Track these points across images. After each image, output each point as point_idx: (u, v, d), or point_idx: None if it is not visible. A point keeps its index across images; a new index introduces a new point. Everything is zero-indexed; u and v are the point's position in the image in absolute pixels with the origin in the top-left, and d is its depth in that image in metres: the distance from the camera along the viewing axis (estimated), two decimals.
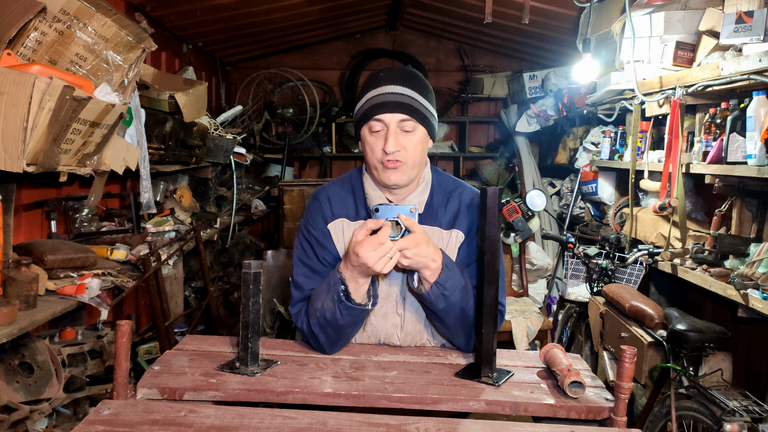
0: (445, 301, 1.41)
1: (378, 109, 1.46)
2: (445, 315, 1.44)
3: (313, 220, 1.58)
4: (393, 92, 1.46)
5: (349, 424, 1.12)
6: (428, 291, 1.41)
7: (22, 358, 1.98)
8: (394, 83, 1.48)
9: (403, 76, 1.50)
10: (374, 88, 1.49)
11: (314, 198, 1.61)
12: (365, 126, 1.50)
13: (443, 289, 1.40)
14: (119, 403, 1.17)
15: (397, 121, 1.46)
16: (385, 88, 1.47)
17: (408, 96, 1.47)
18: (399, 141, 1.46)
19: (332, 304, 1.41)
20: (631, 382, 1.19)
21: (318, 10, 4.54)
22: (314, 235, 1.56)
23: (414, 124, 1.47)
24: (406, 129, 1.47)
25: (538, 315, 3.44)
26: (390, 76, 1.49)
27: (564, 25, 4.16)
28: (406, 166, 1.48)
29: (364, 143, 1.52)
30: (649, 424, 2.49)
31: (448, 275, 1.40)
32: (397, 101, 1.46)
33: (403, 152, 1.47)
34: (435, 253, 1.39)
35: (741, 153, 2.43)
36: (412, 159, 1.48)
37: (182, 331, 3.50)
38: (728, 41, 2.38)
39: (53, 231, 2.59)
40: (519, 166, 5.45)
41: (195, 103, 3.22)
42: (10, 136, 1.71)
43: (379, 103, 1.46)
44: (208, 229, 3.96)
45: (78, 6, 1.97)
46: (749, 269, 2.35)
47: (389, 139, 1.45)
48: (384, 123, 1.46)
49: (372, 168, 1.52)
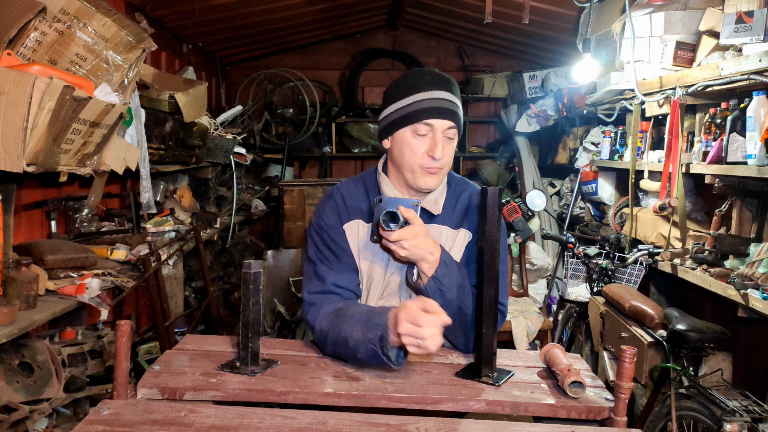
0: (442, 297, 1.41)
1: (429, 114, 1.46)
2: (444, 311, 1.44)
3: (328, 218, 1.57)
4: (444, 98, 1.48)
5: (349, 424, 1.12)
6: (425, 285, 1.42)
7: (22, 358, 1.98)
8: (443, 89, 1.49)
9: (448, 82, 1.51)
10: (423, 91, 1.48)
11: (329, 197, 1.60)
12: (408, 127, 1.49)
13: (440, 284, 1.41)
14: (119, 403, 1.17)
15: (445, 128, 1.48)
16: (435, 93, 1.48)
17: (455, 104, 1.50)
18: (444, 148, 1.48)
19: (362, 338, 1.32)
20: (631, 382, 1.19)
21: (318, 10, 4.54)
22: (330, 234, 1.55)
23: (455, 132, 1.50)
24: (449, 136, 1.49)
25: (538, 315, 3.44)
26: (437, 81, 1.50)
27: (564, 25, 4.16)
28: (443, 172, 1.52)
29: (403, 145, 1.50)
30: (649, 424, 2.49)
31: (446, 271, 1.41)
32: (447, 108, 1.47)
33: (444, 159, 1.49)
34: (433, 247, 1.41)
35: (741, 153, 2.43)
36: (447, 165, 1.52)
37: (182, 331, 3.50)
38: (728, 41, 2.38)
39: (53, 231, 2.59)
40: (519, 166, 5.45)
41: (195, 103, 3.22)
42: (10, 136, 1.71)
43: (431, 108, 1.46)
44: (208, 229, 3.96)
45: (78, 6, 1.97)
46: (749, 269, 2.35)
47: (438, 145, 1.46)
48: (432, 128, 1.47)
49: (407, 170, 1.51)
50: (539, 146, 5.67)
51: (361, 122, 5.70)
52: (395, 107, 1.52)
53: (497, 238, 1.35)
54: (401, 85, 1.53)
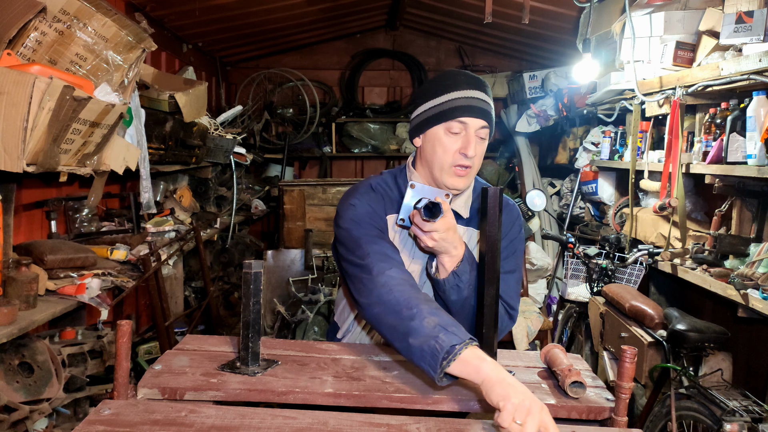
0: (458, 294, 1.42)
1: (464, 112, 1.46)
2: (454, 307, 1.45)
3: (375, 205, 1.52)
4: (479, 98, 1.48)
5: (349, 424, 1.12)
6: (444, 278, 1.42)
7: (22, 358, 1.98)
8: (478, 89, 1.49)
9: (482, 83, 1.52)
10: (457, 90, 1.48)
11: (369, 189, 1.56)
12: (441, 125, 1.48)
13: (459, 280, 1.41)
14: (120, 403, 1.17)
15: (478, 127, 1.48)
16: (470, 92, 1.48)
17: (489, 104, 1.50)
18: (476, 147, 1.48)
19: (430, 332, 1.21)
20: (631, 382, 1.19)
21: (318, 10, 4.54)
22: (375, 222, 1.50)
23: (487, 133, 1.50)
24: (481, 136, 1.49)
25: (538, 315, 3.44)
26: (471, 81, 1.50)
27: (564, 25, 4.16)
28: (472, 172, 1.51)
29: (435, 143, 1.49)
30: (649, 424, 2.49)
31: (466, 268, 1.42)
32: (482, 108, 1.48)
33: (475, 159, 1.49)
34: (459, 242, 1.42)
35: (741, 153, 2.43)
36: (477, 165, 1.51)
37: (182, 331, 3.50)
38: (728, 41, 2.38)
39: (53, 231, 2.59)
40: (519, 166, 5.46)
41: (195, 103, 3.22)
42: (10, 136, 1.71)
43: (466, 106, 1.46)
44: (208, 229, 3.96)
45: (78, 6, 1.97)
46: (749, 269, 2.35)
47: (471, 143, 1.46)
48: (466, 126, 1.47)
49: (437, 169, 1.50)
50: (539, 146, 5.67)
51: (361, 122, 5.70)
52: (429, 105, 1.51)
53: (498, 238, 1.35)
54: (435, 84, 1.53)
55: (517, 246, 1.58)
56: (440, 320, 1.23)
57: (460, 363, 1.16)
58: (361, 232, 1.47)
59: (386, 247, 1.46)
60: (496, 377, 1.12)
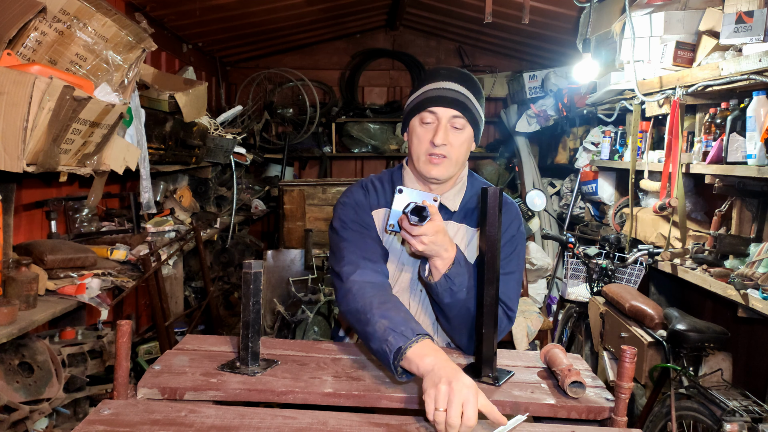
0: (451, 297, 1.42)
1: (433, 102, 1.50)
2: (450, 310, 1.45)
3: (358, 198, 1.59)
4: (450, 88, 1.51)
5: (349, 424, 1.12)
6: (436, 282, 1.42)
7: (22, 358, 1.98)
8: (452, 80, 1.52)
9: (461, 76, 1.54)
10: (432, 83, 1.53)
11: (359, 185, 1.64)
12: (416, 117, 1.53)
13: (451, 283, 1.41)
14: (120, 403, 1.17)
15: (450, 116, 1.50)
16: (443, 83, 1.52)
17: (463, 95, 1.51)
18: (447, 136, 1.50)
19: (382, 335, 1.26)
20: (631, 382, 1.19)
21: (318, 10, 4.54)
22: (359, 222, 1.55)
23: (464, 123, 1.51)
24: (456, 126, 1.51)
25: (538, 315, 3.44)
26: (450, 74, 1.53)
27: (564, 25, 4.16)
28: (449, 161, 1.52)
29: (412, 134, 1.55)
30: (649, 424, 2.49)
31: (458, 270, 1.42)
32: (453, 97, 1.50)
33: (449, 147, 1.50)
34: (449, 245, 1.42)
35: (741, 153, 2.43)
36: (455, 156, 1.52)
37: (182, 331, 3.50)
38: (728, 41, 2.38)
39: (53, 231, 2.59)
40: (519, 166, 5.46)
41: (195, 103, 3.22)
42: (10, 136, 1.71)
43: (435, 97, 1.50)
44: (208, 229, 3.96)
45: (78, 6, 1.97)
46: (749, 269, 2.35)
47: (439, 131, 1.49)
48: (437, 116, 1.50)
49: (415, 159, 1.54)
50: (539, 146, 5.67)
51: (361, 122, 5.70)
52: (410, 100, 1.58)
53: (498, 238, 1.34)
54: (419, 81, 1.58)
55: (516, 245, 1.58)
56: (390, 322, 1.28)
57: (406, 362, 1.21)
58: (344, 235, 1.53)
59: (364, 250, 1.49)
60: (428, 370, 1.15)
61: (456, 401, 1.06)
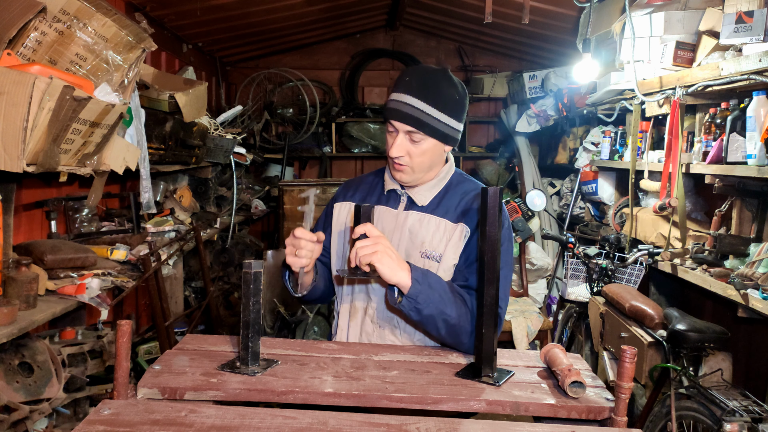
0: (419, 314, 1.45)
1: (391, 115, 1.56)
2: (425, 325, 1.49)
3: (336, 196, 1.78)
4: (406, 102, 1.53)
5: (349, 424, 1.12)
6: (399, 304, 1.45)
7: (22, 358, 1.98)
8: (411, 93, 1.53)
9: (423, 85, 1.53)
10: (396, 92, 1.56)
11: (354, 178, 1.84)
12: (386, 124, 1.60)
13: (415, 302, 1.43)
14: (120, 403, 1.17)
15: (405, 130, 1.54)
16: (401, 96, 1.54)
17: (419, 110, 1.52)
18: (404, 147, 1.56)
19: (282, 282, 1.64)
20: (631, 382, 1.19)
21: (318, 10, 4.54)
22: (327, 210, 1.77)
23: (421, 137, 1.54)
24: (413, 139, 1.55)
25: (538, 315, 3.44)
26: (412, 85, 1.53)
27: (564, 25, 4.16)
28: (410, 169, 1.58)
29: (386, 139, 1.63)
30: (649, 424, 2.49)
31: (418, 289, 1.42)
32: (407, 112, 1.53)
33: (407, 158, 1.57)
34: (400, 264, 1.43)
35: (741, 153, 2.43)
36: (417, 164, 1.57)
37: (182, 331, 3.50)
38: (728, 41, 2.38)
39: (53, 231, 2.59)
40: (519, 166, 5.45)
41: (195, 103, 3.22)
42: (10, 136, 1.71)
43: (393, 109, 1.55)
44: (208, 229, 3.96)
45: (78, 6, 1.97)
46: (749, 269, 2.35)
47: (394, 145, 1.56)
48: (395, 127, 1.56)
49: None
50: (539, 146, 5.67)
51: (361, 122, 5.70)
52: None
53: (498, 238, 1.34)
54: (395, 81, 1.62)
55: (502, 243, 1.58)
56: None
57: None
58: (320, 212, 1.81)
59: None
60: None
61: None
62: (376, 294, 1.61)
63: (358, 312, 1.64)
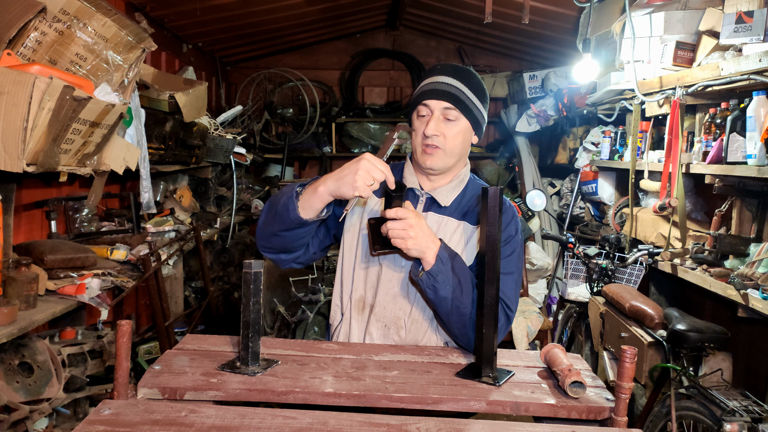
0: (434, 293, 1.46)
1: (426, 95, 1.55)
2: (437, 307, 1.50)
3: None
4: (443, 81, 1.56)
5: (349, 424, 1.12)
6: (419, 278, 1.47)
7: (22, 358, 1.98)
8: (446, 75, 1.57)
9: (456, 70, 1.58)
10: (427, 78, 1.59)
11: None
12: (415, 112, 1.60)
13: (434, 280, 1.45)
14: (120, 403, 1.17)
15: (441, 108, 1.55)
16: (436, 78, 1.57)
17: (455, 87, 1.55)
18: (440, 127, 1.55)
19: (288, 193, 1.51)
20: (631, 382, 1.19)
21: (318, 10, 4.54)
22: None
23: (457, 114, 1.55)
24: (449, 117, 1.55)
25: (538, 315, 3.44)
26: (444, 69, 1.59)
27: (564, 25, 4.16)
28: (443, 152, 1.57)
29: (412, 128, 1.61)
30: (649, 424, 2.49)
31: (440, 268, 1.45)
32: (444, 90, 1.54)
33: (441, 138, 1.55)
34: (433, 240, 1.46)
35: (741, 153, 2.43)
36: (450, 147, 1.57)
37: (182, 331, 3.50)
38: (728, 41, 2.38)
39: (53, 231, 2.59)
40: (519, 166, 5.46)
41: (195, 103, 3.22)
42: (10, 136, 1.71)
43: (428, 90, 1.56)
44: (208, 229, 3.96)
45: (78, 6, 1.97)
46: (749, 269, 2.35)
47: (430, 122, 1.54)
48: (430, 108, 1.55)
49: (414, 151, 1.61)
50: (539, 146, 5.67)
51: (361, 122, 5.70)
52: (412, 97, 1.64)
53: (498, 238, 1.34)
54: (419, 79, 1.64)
55: (515, 247, 1.59)
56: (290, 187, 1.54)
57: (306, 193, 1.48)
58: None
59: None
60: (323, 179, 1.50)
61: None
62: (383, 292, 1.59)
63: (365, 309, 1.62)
